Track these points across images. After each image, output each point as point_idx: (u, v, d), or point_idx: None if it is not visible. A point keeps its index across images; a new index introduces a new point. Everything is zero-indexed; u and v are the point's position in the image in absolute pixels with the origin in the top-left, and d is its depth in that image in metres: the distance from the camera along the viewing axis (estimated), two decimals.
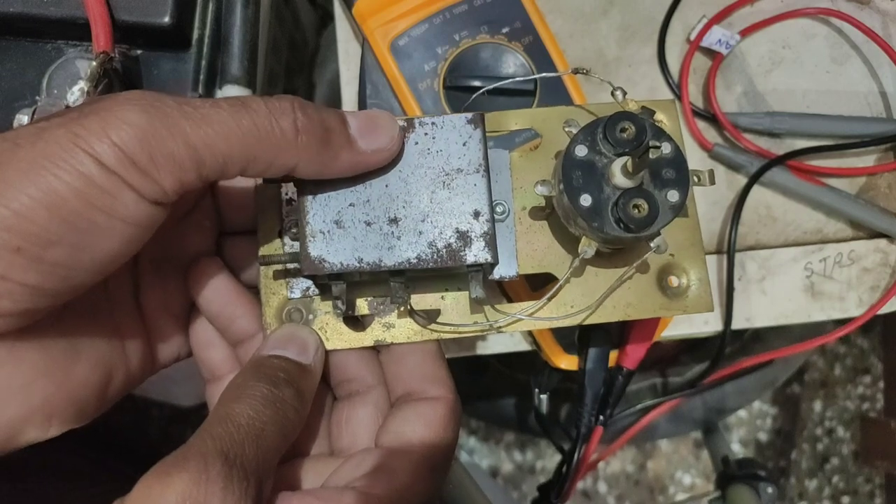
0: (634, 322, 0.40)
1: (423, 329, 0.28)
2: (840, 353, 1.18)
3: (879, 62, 0.48)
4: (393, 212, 0.26)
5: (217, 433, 0.21)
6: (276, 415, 0.23)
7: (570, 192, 0.25)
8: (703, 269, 0.28)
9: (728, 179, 0.47)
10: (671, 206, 0.24)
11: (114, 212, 0.20)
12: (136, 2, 0.35)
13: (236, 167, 0.22)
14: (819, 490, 1.15)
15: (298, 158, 0.23)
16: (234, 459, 0.20)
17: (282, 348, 0.26)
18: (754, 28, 0.47)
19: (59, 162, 0.19)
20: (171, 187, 0.21)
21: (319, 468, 0.27)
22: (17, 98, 0.36)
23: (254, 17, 0.39)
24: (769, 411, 1.17)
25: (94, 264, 0.21)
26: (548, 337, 0.41)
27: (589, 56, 0.47)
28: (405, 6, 0.40)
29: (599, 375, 0.40)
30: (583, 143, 0.26)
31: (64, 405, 0.23)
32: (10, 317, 0.21)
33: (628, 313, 0.28)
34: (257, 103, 0.22)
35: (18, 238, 0.19)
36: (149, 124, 0.20)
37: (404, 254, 0.25)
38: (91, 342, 0.25)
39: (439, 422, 0.26)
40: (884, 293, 0.46)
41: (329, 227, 0.25)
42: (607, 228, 0.24)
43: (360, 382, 0.28)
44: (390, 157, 0.25)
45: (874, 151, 0.48)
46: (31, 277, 0.20)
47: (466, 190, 0.26)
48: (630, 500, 1.13)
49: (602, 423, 0.42)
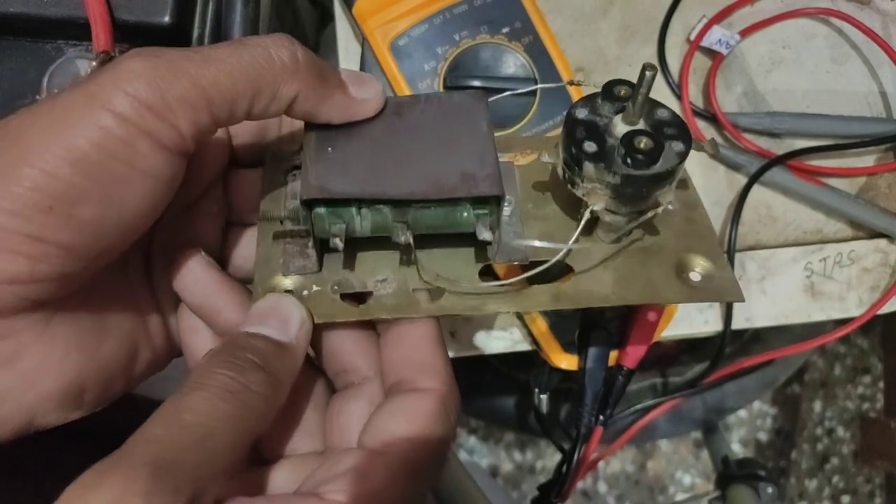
0: (634, 322, 0.40)
1: (423, 303, 0.26)
2: (840, 353, 1.18)
3: (879, 62, 0.48)
4: (398, 158, 0.25)
5: (153, 435, 0.19)
6: (236, 408, 0.21)
7: (574, 143, 0.25)
8: (722, 258, 0.27)
9: (728, 179, 0.47)
10: (677, 153, 0.24)
11: (134, 163, 0.21)
12: (136, 1, 0.35)
13: (244, 104, 0.22)
14: (819, 490, 1.15)
15: (300, 87, 0.23)
16: (167, 468, 0.18)
17: (261, 323, 0.24)
18: (754, 28, 0.47)
19: (78, 119, 0.20)
20: (186, 130, 0.22)
21: (302, 469, 0.25)
22: (17, 98, 0.36)
23: (254, 15, 0.39)
24: (769, 411, 1.17)
25: (121, 221, 0.22)
26: (548, 336, 0.41)
27: (589, 56, 0.47)
28: (405, 6, 0.40)
29: (599, 375, 0.40)
30: (582, 108, 0.26)
31: (95, 380, 0.24)
32: (48, 282, 0.21)
33: (651, 297, 0.26)
34: (255, 40, 0.23)
35: (48, 197, 0.20)
36: (155, 70, 0.21)
37: (408, 187, 0.24)
38: (116, 320, 0.25)
39: (425, 418, 0.23)
40: (884, 293, 0.46)
41: (333, 162, 0.25)
42: (614, 167, 0.24)
43: (356, 373, 0.27)
44: (377, 108, 0.26)
45: (874, 151, 0.48)
46: (64, 237, 0.20)
47: (471, 145, 0.26)
48: (630, 500, 1.13)
49: (602, 422, 0.42)
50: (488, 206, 0.25)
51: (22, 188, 0.20)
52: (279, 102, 0.24)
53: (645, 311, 0.40)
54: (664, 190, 0.25)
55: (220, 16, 0.39)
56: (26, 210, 0.20)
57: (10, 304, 0.21)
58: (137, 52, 0.21)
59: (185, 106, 0.21)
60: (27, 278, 0.20)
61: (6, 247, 0.20)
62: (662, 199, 0.25)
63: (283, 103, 0.24)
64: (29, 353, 0.22)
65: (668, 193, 0.25)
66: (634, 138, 0.24)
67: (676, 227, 0.28)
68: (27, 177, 0.20)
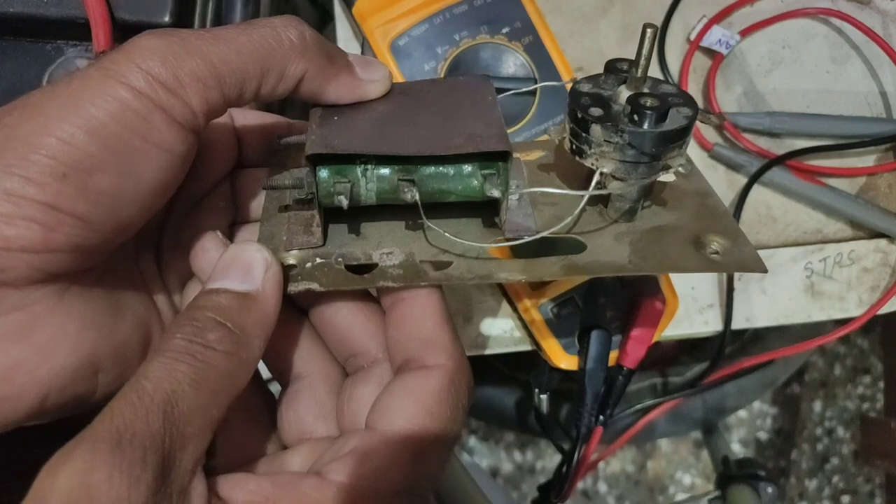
0: (634, 321, 0.40)
1: (430, 272, 0.25)
2: (840, 353, 1.18)
3: (879, 62, 0.48)
4: (405, 123, 0.25)
5: (115, 409, 0.19)
6: (197, 370, 0.20)
7: (580, 108, 0.24)
8: (741, 234, 0.26)
9: (728, 179, 0.47)
10: (685, 115, 0.24)
11: (149, 136, 0.21)
12: (136, 1, 0.35)
13: (253, 82, 0.23)
14: (819, 490, 1.15)
15: (307, 66, 0.24)
16: (131, 438, 0.18)
17: (222, 277, 0.23)
18: (754, 28, 0.47)
19: (95, 92, 0.21)
20: (198, 106, 0.22)
21: (316, 452, 0.25)
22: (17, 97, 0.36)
23: (254, 16, 0.39)
24: (769, 411, 1.17)
25: (136, 195, 0.22)
26: (548, 337, 0.41)
27: (589, 56, 0.47)
28: (405, 6, 0.40)
29: (599, 375, 0.40)
30: (586, 83, 0.26)
31: (110, 361, 0.24)
32: (62, 252, 0.21)
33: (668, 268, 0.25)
34: (263, 20, 0.24)
35: (64, 165, 0.20)
36: (168, 48, 0.21)
37: (414, 146, 0.24)
38: (130, 303, 0.25)
39: (431, 396, 0.22)
40: (884, 293, 0.46)
41: (338, 125, 0.25)
42: (622, 126, 0.23)
43: (365, 356, 0.26)
44: (384, 90, 0.27)
45: (874, 151, 0.48)
46: (79, 207, 0.20)
47: (477, 113, 0.26)
48: (630, 500, 1.13)
49: (602, 423, 0.42)
50: (495, 166, 0.24)
51: (38, 155, 0.20)
52: (287, 82, 0.24)
53: (645, 311, 0.40)
54: (674, 154, 0.24)
55: (220, 16, 0.39)
56: (41, 177, 0.20)
57: (24, 273, 0.21)
58: (151, 32, 0.22)
59: (197, 82, 0.22)
60: (41, 247, 0.20)
61: (21, 213, 0.20)
62: (672, 163, 0.24)
63: (291, 83, 0.24)
64: (43, 326, 0.22)
65: (679, 157, 0.24)
66: (640, 98, 0.23)
67: (691, 210, 0.27)
68: (43, 145, 0.20)
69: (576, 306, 0.41)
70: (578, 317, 0.41)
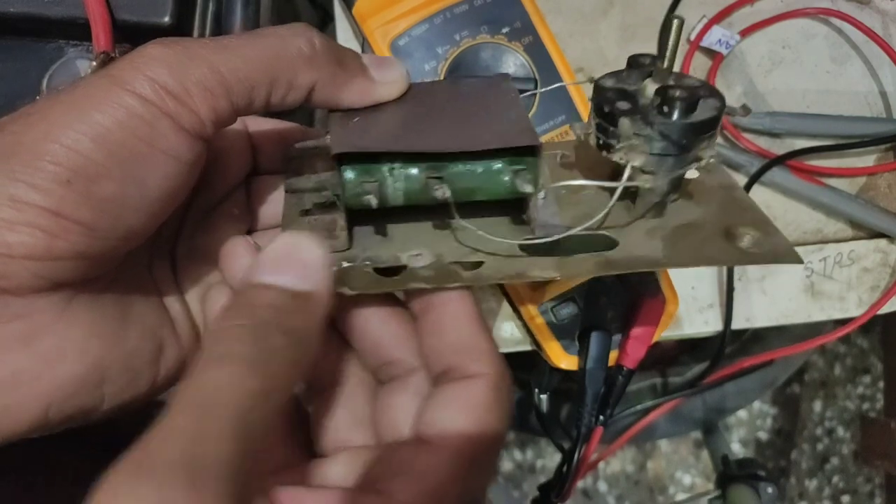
0: (634, 321, 0.40)
1: (461, 273, 0.24)
2: (840, 353, 1.18)
3: (879, 62, 0.48)
4: (430, 120, 0.25)
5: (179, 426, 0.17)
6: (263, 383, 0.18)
7: (607, 102, 0.24)
8: (772, 225, 0.25)
9: None
10: (713, 107, 0.23)
11: (155, 142, 0.21)
12: (137, 2, 0.35)
13: (262, 92, 0.23)
14: (819, 490, 1.15)
15: (318, 75, 0.24)
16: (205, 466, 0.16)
17: (275, 272, 0.21)
18: (754, 28, 0.47)
19: (101, 99, 0.20)
20: (206, 115, 0.22)
21: (357, 462, 0.24)
22: (17, 98, 0.36)
23: (254, 17, 0.39)
24: (769, 411, 1.17)
25: (142, 203, 0.22)
26: (548, 336, 0.41)
27: (589, 56, 0.47)
28: (405, 6, 0.40)
29: (599, 375, 0.40)
30: (609, 78, 0.26)
31: (117, 371, 0.23)
32: (66, 260, 0.21)
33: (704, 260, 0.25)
34: (271, 29, 0.23)
35: (68, 171, 0.20)
36: (174, 56, 0.21)
37: (443, 142, 0.23)
38: (141, 313, 0.25)
39: (480, 406, 0.22)
40: (884, 293, 0.46)
41: (361, 125, 0.25)
42: (651, 119, 0.23)
43: (399, 365, 0.25)
44: (401, 90, 0.26)
45: (874, 151, 0.48)
46: (83, 214, 0.20)
47: (502, 111, 0.25)
48: (630, 500, 1.13)
49: (602, 422, 0.42)
50: (525, 161, 0.24)
51: (43, 161, 0.20)
52: (298, 91, 0.24)
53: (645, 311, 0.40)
54: (704, 146, 0.24)
55: (220, 16, 0.39)
56: (45, 183, 0.20)
57: (27, 281, 0.20)
58: (158, 41, 0.22)
59: (204, 91, 0.21)
60: (44, 254, 0.20)
61: (24, 220, 0.19)
62: (703, 155, 0.24)
63: (302, 92, 0.24)
64: (46, 334, 0.21)
65: (709, 149, 0.24)
66: (668, 90, 0.23)
67: (718, 203, 0.27)
68: (47, 151, 0.20)
69: (576, 306, 0.41)
70: (578, 317, 0.41)
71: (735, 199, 0.27)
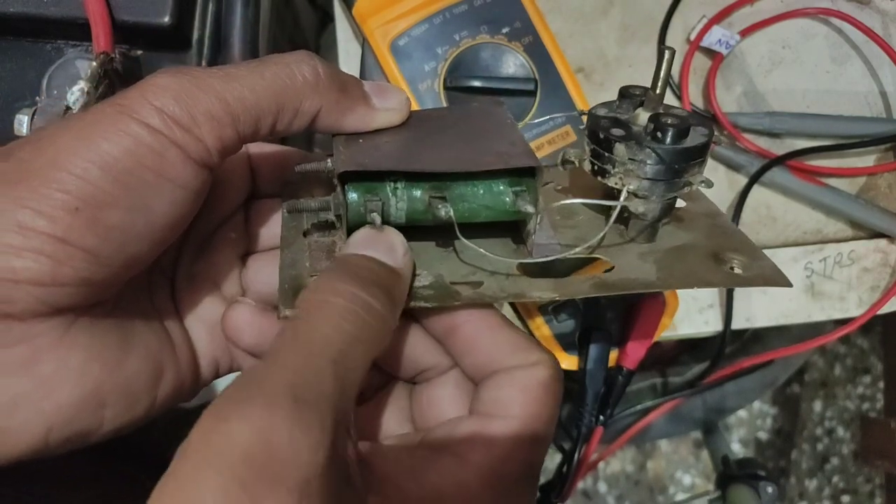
0: (634, 321, 0.40)
1: (462, 292, 0.24)
2: (840, 353, 1.18)
3: (879, 62, 0.48)
4: (431, 143, 0.25)
5: (286, 361, 0.18)
6: (363, 329, 0.20)
7: (601, 129, 0.25)
8: (758, 250, 0.27)
9: (728, 179, 0.47)
10: (702, 134, 0.25)
11: (162, 171, 0.21)
12: (136, 2, 0.35)
13: (268, 120, 0.23)
14: (819, 490, 1.15)
15: (322, 102, 0.24)
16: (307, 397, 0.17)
17: (368, 248, 0.23)
18: (754, 28, 0.47)
19: (109, 128, 0.21)
20: (213, 144, 0.22)
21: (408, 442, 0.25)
22: (17, 98, 0.36)
23: (254, 17, 0.39)
24: (769, 411, 1.17)
25: (147, 231, 0.22)
26: (548, 337, 0.41)
27: (589, 56, 0.47)
28: (405, 6, 0.40)
29: (599, 375, 0.40)
30: (602, 108, 0.27)
31: (116, 395, 0.23)
32: (70, 287, 0.21)
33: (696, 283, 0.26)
34: (276, 58, 0.24)
35: (75, 199, 0.20)
36: (181, 86, 0.22)
37: (445, 163, 0.24)
38: (141, 338, 0.25)
39: (540, 388, 0.23)
40: (884, 293, 0.46)
41: (365, 146, 0.25)
42: (645, 144, 0.24)
43: (436, 369, 0.26)
44: (402, 118, 0.27)
45: (874, 151, 0.48)
46: (89, 241, 0.20)
47: (499, 135, 0.26)
48: (630, 500, 1.13)
49: (602, 423, 0.42)
50: (524, 182, 0.25)
51: (49, 189, 0.20)
52: (302, 118, 0.24)
53: (645, 311, 0.40)
54: (695, 171, 0.25)
55: (220, 17, 0.39)
56: (52, 210, 0.20)
57: (30, 307, 0.20)
58: (165, 70, 0.22)
59: (211, 120, 0.22)
60: (49, 280, 0.20)
61: (30, 246, 0.20)
62: (694, 180, 0.25)
63: (307, 118, 0.24)
64: (46, 359, 0.21)
65: (699, 175, 0.26)
66: (661, 117, 0.24)
67: (704, 230, 0.28)
68: (56, 179, 0.20)
69: (576, 307, 0.41)
70: (579, 317, 0.41)
71: (719, 226, 0.28)
